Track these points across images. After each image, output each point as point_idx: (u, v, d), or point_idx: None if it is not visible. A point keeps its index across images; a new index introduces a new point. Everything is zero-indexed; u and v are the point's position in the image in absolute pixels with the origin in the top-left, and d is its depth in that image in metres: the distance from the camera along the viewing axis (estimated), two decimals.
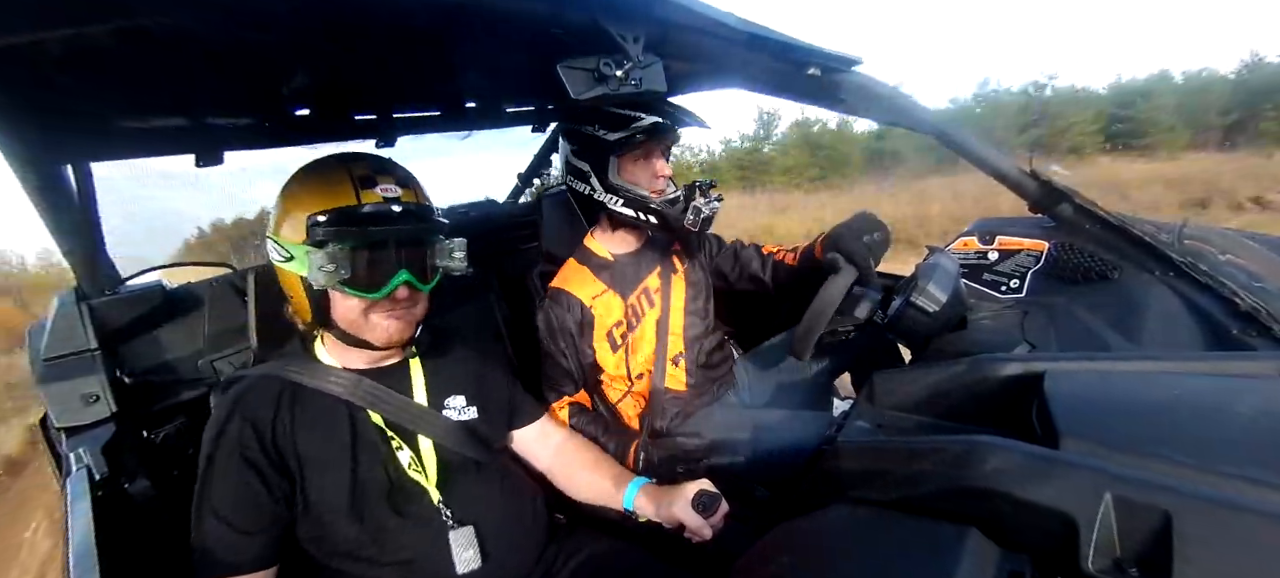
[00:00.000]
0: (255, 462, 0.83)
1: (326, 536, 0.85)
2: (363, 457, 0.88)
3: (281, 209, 0.87)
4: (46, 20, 0.54)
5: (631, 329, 1.34)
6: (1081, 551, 0.53)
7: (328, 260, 0.81)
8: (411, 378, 0.96)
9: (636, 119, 1.24)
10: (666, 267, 1.41)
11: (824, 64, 1.06)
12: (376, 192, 0.85)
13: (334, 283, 0.82)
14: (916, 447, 0.70)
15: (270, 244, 0.88)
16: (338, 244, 0.82)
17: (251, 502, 0.81)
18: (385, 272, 0.85)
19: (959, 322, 1.15)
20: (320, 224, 0.82)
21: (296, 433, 0.86)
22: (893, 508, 0.68)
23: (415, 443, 0.92)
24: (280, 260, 0.87)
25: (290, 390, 0.89)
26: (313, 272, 0.82)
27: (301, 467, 0.85)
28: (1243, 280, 1.02)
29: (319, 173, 0.88)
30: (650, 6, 0.75)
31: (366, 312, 0.87)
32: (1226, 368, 0.76)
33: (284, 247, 0.85)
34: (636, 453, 1.23)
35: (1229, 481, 0.53)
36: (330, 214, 0.82)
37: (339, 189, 0.84)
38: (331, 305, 0.87)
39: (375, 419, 0.90)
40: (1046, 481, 0.58)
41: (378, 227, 0.84)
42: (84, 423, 0.96)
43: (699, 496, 0.93)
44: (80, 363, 0.98)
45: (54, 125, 0.87)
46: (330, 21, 0.70)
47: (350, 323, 0.88)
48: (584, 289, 1.32)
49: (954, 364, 0.87)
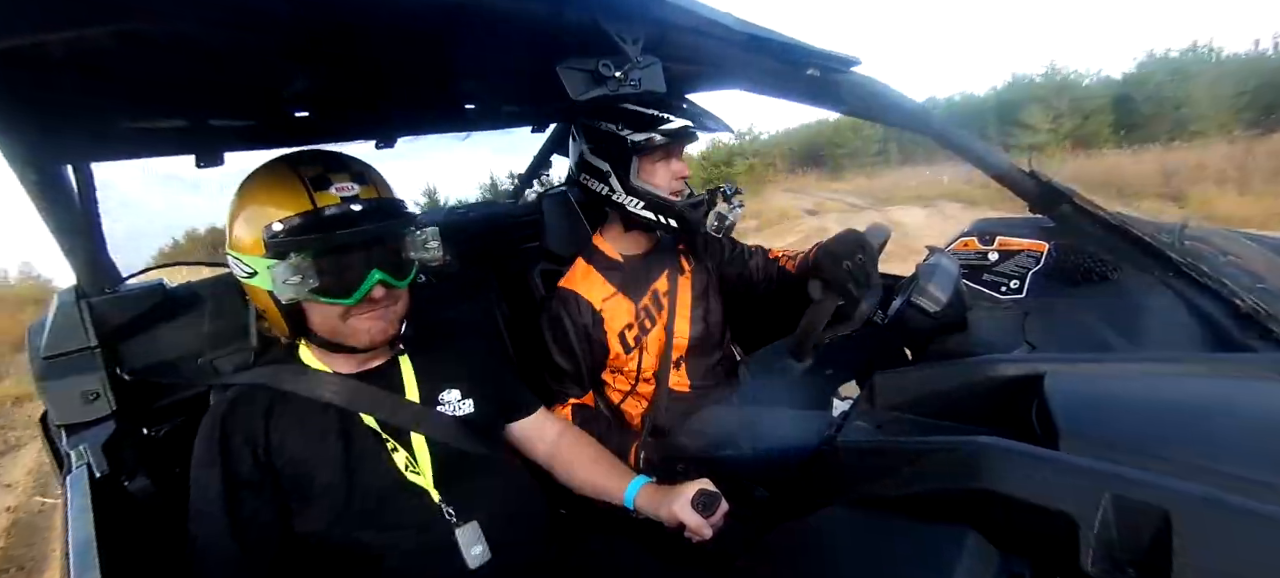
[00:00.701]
0: (247, 477, 0.81)
1: (326, 544, 0.83)
2: (357, 462, 0.86)
3: (235, 221, 0.83)
4: (47, 22, 0.54)
5: (645, 332, 1.33)
6: (1081, 551, 0.53)
7: (292, 272, 0.77)
8: (402, 376, 0.94)
9: (663, 120, 1.20)
10: (674, 269, 1.40)
11: (823, 64, 1.06)
12: (332, 192, 0.81)
13: (303, 295, 0.78)
14: (916, 447, 0.70)
15: (231, 260, 0.84)
16: (299, 254, 0.77)
17: (245, 518, 0.80)
18: (357, 274, 0.81)
19: (959, 322, 1.15)
20: (277, 236, 0.77)
21: (287, 444, 0.84)
22: (892, 509, 0.68)
23: (410, 443, 0.90)
24: (243, 276, 0.83)
25: (278, 400, 0.87)
26: (278, 286, 0.77)
27: (295, 478, 0.83)
28: (1243, 281, 1.02)
29: (268, 178, 0.83)
30: (649, 7, 0.75)
31: (344, 317, 0.84)
32: (1226, 369, 0.76)
33: (244, 262, 0.81)
34: (637, 452, 1.23)
35: (1229, 481, 0.53)
36: (286, 223, 0.77)
37: (291, 194, 0.80)
38: (307, 315, 0.84)
39: (369, 423, 0.88)
40: (1046, 481, 0.58)
41: (341, 230, 0.79)
42: (84, 421, 0.97)
43: (699, 495, 0.93)
44: (80, 361, 0.99)
45: (55, 126, 0.87)
46: (330, 23, 0.70)
47: (329, 331, 0.85)
48: (594, 292, 1.30)
49: (954, 365, 0.87)
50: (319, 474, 0.84)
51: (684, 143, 1.27)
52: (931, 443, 0.69)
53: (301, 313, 0.83)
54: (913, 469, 0.67)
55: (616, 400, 1.38)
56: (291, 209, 0.79)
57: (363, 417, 0.88)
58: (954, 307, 1.07)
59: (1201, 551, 0.48)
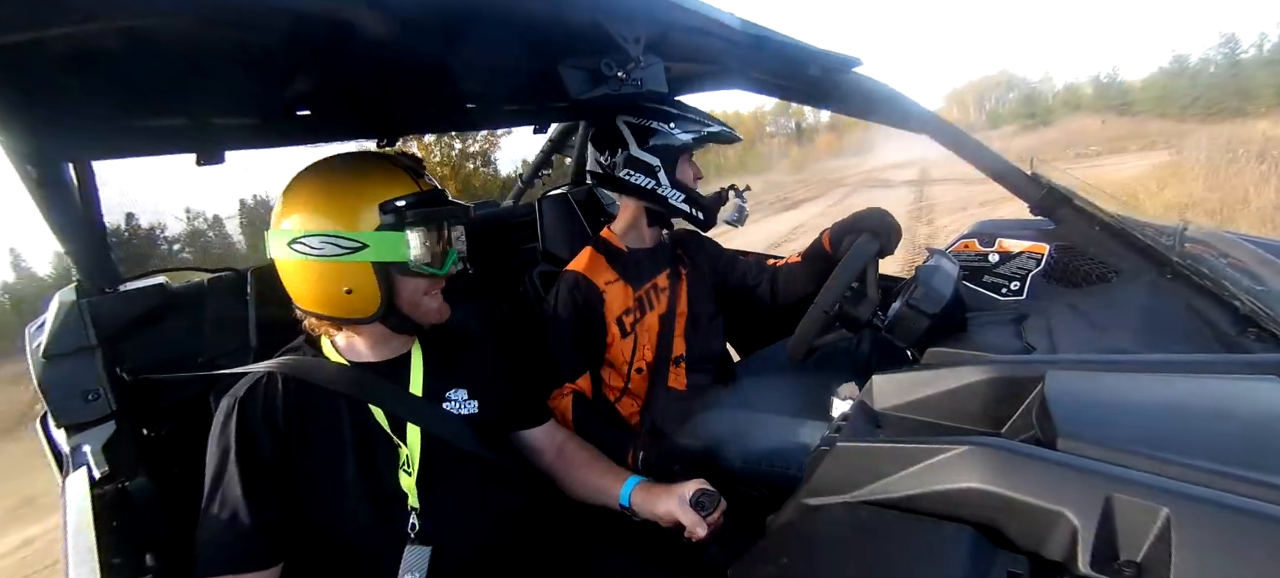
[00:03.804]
0: (262, 462, 0.83)
1: (329, 533, 0.84)
2: (363, 454, 0.88)
3: (334, 203, 0.86)
4: (48, 20, 0.54)
5: (639, 320, 1.37)
6: (1080, 552, 0.53)
7: (420, 240, 0.86)
8: (411, 369, 0.96)
9: (707, 123, 1.36)
10: (675, 267, 1.44)
11: (824, 64, 1.06)
12: (426, 179, 0.92)
13: (424, 260, 0.88)
14: (916, 448, 0.70)
15: (319, 241, 0.85)
16: (418, 226, 0.86)
17: (258, 502, 0.80)
18: (444, 250, 0.92)
19: (959, 324, 1.15)
20: (400, 208, 0.86)
21: (301, 432, 0.86)
22: (892, 509, 0.68)
23: (407, 438, 0.91)
24: (340, 254, 0.85)
25: (293, 389, 0.88)
26: (415, 249, 0.86)
27: (306, 466, 0.85)
28: (1243, 284, 1.02)
29: (370, 165, 0.90)
30: (651, 7, 0.75)
31: (427, 291, 0.92)
32: (1226, 370, 0.75)
33: (350, 238, 0.84)
34: (635, 452, 1.24)
35: (1229, 482, 0.53)
36: (407, 198, 0.86)
37: (397, 178, 0.88)
38: (398, 289, 0.89)
39: (377, 416, 0.90)
40: (1045, 482, 0.58)
41: (443, 207, 0.91)
42: (84, 420, 0.96)
43: (697, 494, 0.93)
44: (80, 359, 0.98)
45: (56, 123, 0.87)
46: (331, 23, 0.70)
47: (413, 305, 0.91)
48: (599, 274, 1.36)
49: (954, 366, 0.87)
50: (326, 462, 0.86)
51: (723, 142, 1.41)
52: (931, 443, 0.69)
53: (394, 286, 0.89)
54: (913, 470, 0.67)
55: (613, 399, 1.39)
56: (403, 189, 0.87)
57: (373, 412, 0.90)
58: (954, 308, 1.06)
59: (1201, 552, 0.48)
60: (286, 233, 0.86)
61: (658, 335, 1.37)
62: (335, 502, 0.85)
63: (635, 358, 1.35)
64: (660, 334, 1.37)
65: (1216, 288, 1.02)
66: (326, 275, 0.87)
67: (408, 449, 0.90)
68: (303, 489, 0.84)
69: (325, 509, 0.85)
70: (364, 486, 0.86)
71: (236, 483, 0.80)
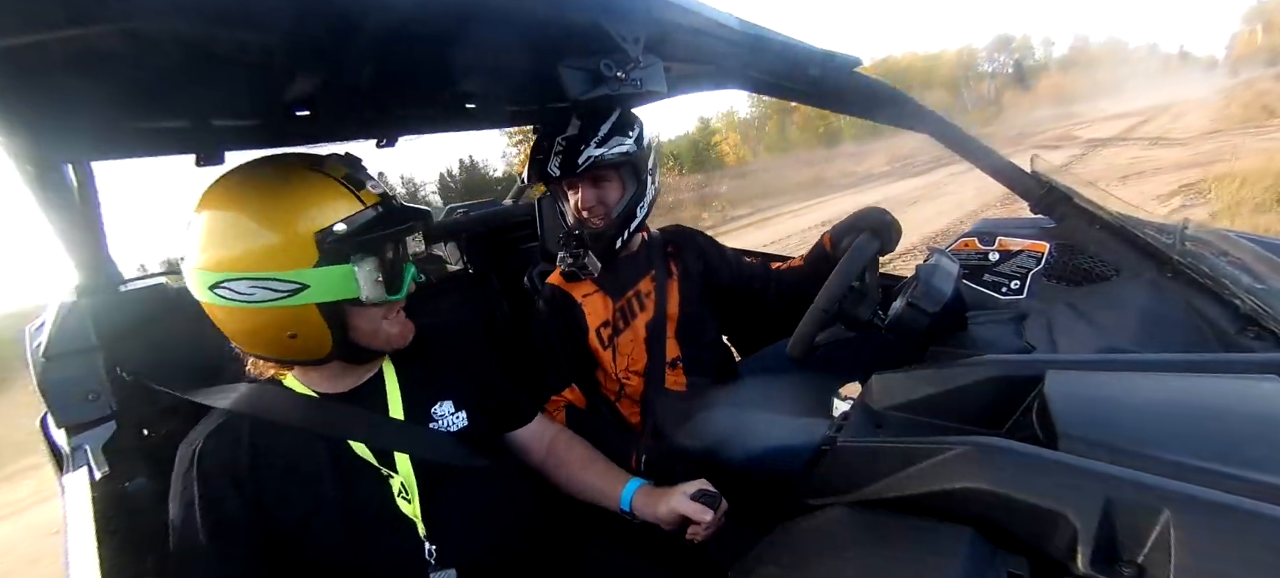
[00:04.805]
0: (228, 521, 0.75)
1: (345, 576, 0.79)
2: (345, 492, 0.80)
3: (259, 238, 0.72)
4: (48, 21, 0.54)
5: (618, 333, 1.35)
6: (1080, 552, 0.53)
7: (373, 271, 0.74)
8: (386, 392, 0.88)
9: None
10: (661, 270, 1.41)
11: (824, 64, 1.06)
12: (370, 190, 0.78)
13: (377, 294, 0.76)
14: (916, 447, 0.70)
15: (247, 285, 0.71)
16: (365, 254, 0.74)
17: (227, 561, 0.74)
18: (400, 271, 0.81)
19: (959, 323, 1.15)
20: (342, 236, 0.72)
21: (269, 484, 0.78)
22: (892, 509, 0.68)
23: (397, 465, 0.83)
24: (274, 299, 0.72)
25: (257, 432, 0.80)
26: (370, 287, 0.74)
27: (283, 515, 0.78)
28: (1244, 282, 1.02)
29: (297, 181, 0.76)
30: (650, 7, 0.75)
31: (386, 316, 0.81)
32: (1226, 369, 0.75)
33: (284, 279, 0.72)
34: (638, 456, 1.23)
35: (1229, 481, 0.53)
36: (350, 222, 0.73)
37: (334, 193, 0.75)
38: (350, 323, 0.78)
39: (358, 449, 0.82)
40: (1045, 482, 0.58)
41: (393, 227, 0.77)
42: (84, 421, 0.96)
43: (698, 493, 0.93)
44: (81, 360, 0.98)
45: (56, 124, 0.87)
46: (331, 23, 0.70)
47: (369, 335, 0.80)
48: (576, 287, 1.36)
49: (954, 365, 0.87)
50: (305, 505, 0.78)
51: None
52: (931, 443, 0.69)
53: (346, 321, 0.77)
54: (913, 469, 0.67)
55: (611, 399, 1.39)
56: (344, 210, 0.74)
57: (351, 443, 0.82)
58: (954, 307, 1.06)
59: (1200, 551, 0.48)
60: (206, 276, 0.73)
61: (647, 342, 1.35)
62: (334, 549, 0.79)
63: (620, 368, 1.34)
64: (651, 341, 1.35)
65: (1217, 287, 1.01)
66: (263, 321, 0.74)
67: (401, 476, 0.82)
68: (289, 541, 0.77)
69: (326, 555, 0.78)
70: (359, 524, 0.80)
71: (202, 539, 0.73)
